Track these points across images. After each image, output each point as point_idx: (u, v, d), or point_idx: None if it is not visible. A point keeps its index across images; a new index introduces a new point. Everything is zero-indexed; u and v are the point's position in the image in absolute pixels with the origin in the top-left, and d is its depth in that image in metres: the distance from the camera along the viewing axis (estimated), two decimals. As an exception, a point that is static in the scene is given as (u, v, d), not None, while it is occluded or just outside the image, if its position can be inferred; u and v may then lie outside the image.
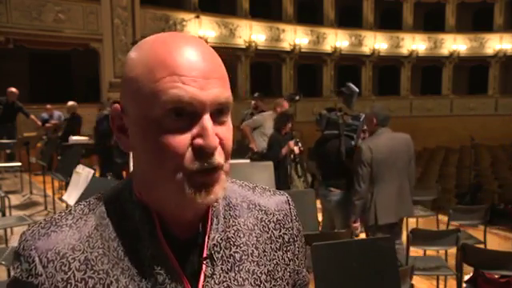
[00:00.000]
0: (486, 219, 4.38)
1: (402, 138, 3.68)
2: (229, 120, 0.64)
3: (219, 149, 0.61)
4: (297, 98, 5.57)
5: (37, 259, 0.61)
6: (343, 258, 2.09)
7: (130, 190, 0.67)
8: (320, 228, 3.99)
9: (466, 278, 3.43)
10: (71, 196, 3.73)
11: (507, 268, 2.91)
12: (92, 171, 3.72)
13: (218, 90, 0.60)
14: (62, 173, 5.31)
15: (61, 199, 5.06)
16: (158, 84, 0.58)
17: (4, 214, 4.63)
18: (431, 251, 4.09)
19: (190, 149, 0.59)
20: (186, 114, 0.59)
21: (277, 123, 5.17)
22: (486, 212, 4.39)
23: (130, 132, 0.63)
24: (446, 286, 3.74)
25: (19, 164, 7.63)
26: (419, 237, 3.49)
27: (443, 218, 5.06)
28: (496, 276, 3.22)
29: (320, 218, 4.08)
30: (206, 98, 0.59)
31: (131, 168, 3.03)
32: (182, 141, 0.58)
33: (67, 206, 3.83)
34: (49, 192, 6.31)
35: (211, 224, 0.68)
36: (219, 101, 0.60)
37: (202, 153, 0.59)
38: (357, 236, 3.87)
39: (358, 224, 3.68)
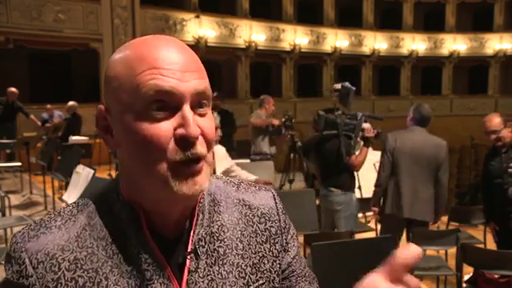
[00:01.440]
0: (486, 219, 4.38)
1: (433, 142, 3.63)
2: (209, 112, 0.66)
3: (201, 139, 0.63)
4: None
5: (27, 261, 0.63)
6: (343, 258, 2.09)
7: (117, 189, 0.69)
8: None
9: (466, 277, 3.43)
10: (71, 196, 3.73)
11: (507, 268, 2.91)
12: (92, 171, 3.72)
13: (196, 81, 0.62)
14: (62, 173, 5.31)
15: (61, 199, 5.06)
16: (138, 77, 0.60)
17: (4, 214, 4.64)
18: (431, 251, 4.09)
19: (172, 140, 0.61)
20: (167, 106, 0.61)
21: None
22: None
23: (114, 131, 0.65)
24: (446, 286, 3.74)
25: (19, 164, 7.63)
26: (419, 237, 3.49)
27: (443, 218, 5.06)
28: (496, 276, 3.22)
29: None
30: (185, 89, 0.61)
31: None
32: (164, 132, 0.60)
33: (67, 204, 3.83)
34: (49, 192, 6.31)
35: (197, 219, 0.69)
36: (198, 90, 0.62)
37: (185, 142, 0.61)
38: (377, 220, 3.98)
39: (375, 209, 3.84)
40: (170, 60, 0.61)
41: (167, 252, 0.66)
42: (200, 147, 0.62)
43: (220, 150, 3.20)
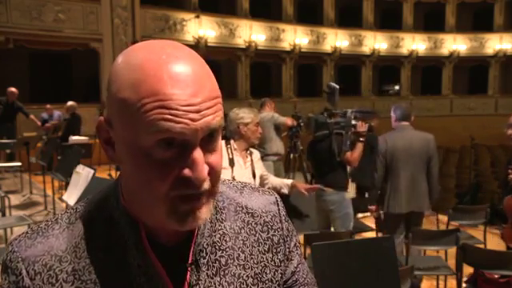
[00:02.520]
0: (486, 219, 4.39)
1: (422, 137, 3.90)
2: (219, 144, 0.62)
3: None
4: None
5: (24, 271, 0.62)
6: (343, 258, 2.09)
7: (117, 196, 0.66)
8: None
9: (466, 277, 3.43)
10: (71, 196, 3.72)
11: (507, 268, 2.91)
12: (92, 171, 3.72)
13: (210, 117, 0.58)
14: (62, 173, 5.31)
15: (61, 199, 5.06)
16: (147, 115, 0.55)
17: (4, 214, 4.63)
18: (431, 251, 4.08)
19: (177, 178, 0.58)
20: (176, 143, 0.57)
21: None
22: (486, 212, 4.39)
23: (116, 147, 0.62)
24: (445, 286, 3.74)
25: (19, 164, 7.63)
26: (419, 237, 3.50)
27: (443, 218, 5.06)
28: (496, 276, 3.22)
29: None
30: (197, 128, 0.56)
31: None
32: (169, 172, 0.57)
33: (67, 205, 3.83)
34: (49, 192, 6.31)
35: (198, 229, 0.67)
36: (210, 127, 0.58)
37: (189, 183, 0.58)
38: (377, 218, 4.12)
39: (373, 207, 4.01)
40: (186, 101, 0.56)
41: (166, 262, 0.65)
42: (205, 185, 0.59)
43: (256, 154, 3.16)
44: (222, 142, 2.68)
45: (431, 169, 3.87)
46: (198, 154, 0.57)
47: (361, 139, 3.91)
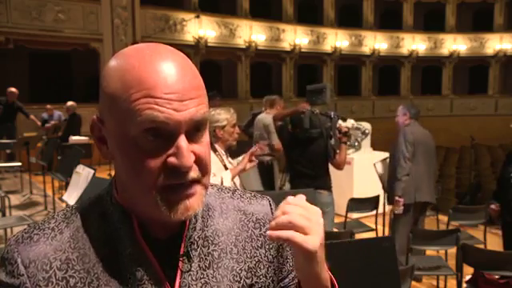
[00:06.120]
0: (486, 219, 4.38)
1: (429, 133, 4.29)
2: (205, 136, 0.64)
3: (194, 166, 0.62)
4: None
5: (19, 260, 0.64)
6: (343, 258, 2.09)
7: (111, 193, 0.69)
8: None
9: (467, 278, 3.43)
10: (71, 196, 3.72)
11: (507, 269, 2.91)
12: (92, 171, 3.72)
13: (193, 109, 0.60)
14: (62, 173, 5.31)
15: (61, 199, 5.05)
16: (134, 104, 0.58)
17: (4, 214, 4.63)
18: (431, 251, 4.08)
19: (163, 166, 0.60)
20: (162, 134, 0.59)
21: None
22: (486, 212, 4.38)
23: (108, 143, 0.65)
24: (446, 286, 3.74)
25: (19, 164, 7.63)
26: (419, 237, 3.49)
27: (443, 218, 5.06)
28: (496, 277, 3.21)
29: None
30: (180, 119, 0.59)
31: None
32: (156, 161, 0.60)
33: (67, 205, 3.83)
34: (49, 192, 6.31)
35: (189, 223, 0.70)
36: (194, 119, 0.61)
37: (176, 171, 0.60)
38: (399, 213, 4.09)
39: (402, 200, 4.01)
40: (168, 87, 0.59)
41: (159, 253, 0.67)
42: (192, 173, 0.61)
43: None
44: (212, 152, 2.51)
45: (435, 162, 4.27)
46: (182, 141, 0.60)
47: (345, 141, 3.86)
